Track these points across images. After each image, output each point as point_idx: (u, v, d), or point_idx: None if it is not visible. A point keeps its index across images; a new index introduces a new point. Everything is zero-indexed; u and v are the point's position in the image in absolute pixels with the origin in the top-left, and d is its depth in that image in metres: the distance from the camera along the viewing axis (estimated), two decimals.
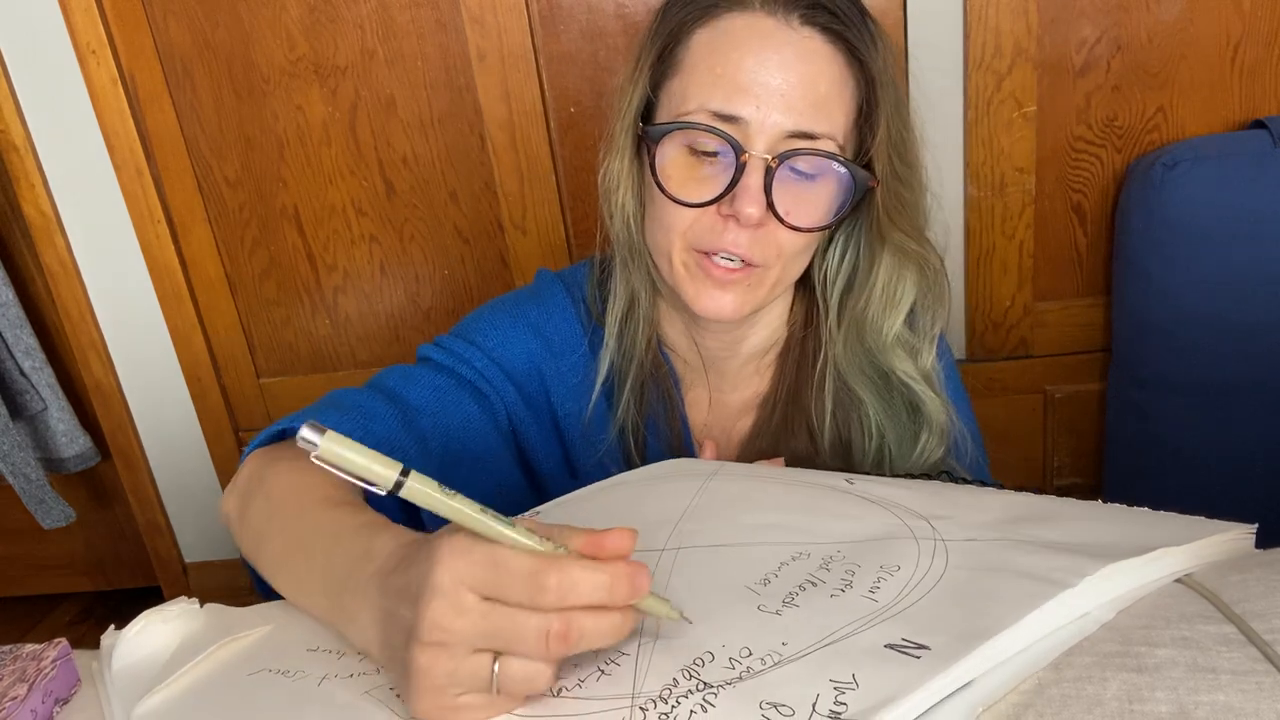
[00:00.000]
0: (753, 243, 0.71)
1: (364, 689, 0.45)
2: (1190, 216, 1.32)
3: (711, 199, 0.70)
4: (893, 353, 0.80)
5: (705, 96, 0.70)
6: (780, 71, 0.69)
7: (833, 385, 0.81)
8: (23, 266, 1.78)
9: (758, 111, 0.69)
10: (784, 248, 0.73)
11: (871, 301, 0.79)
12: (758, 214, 0.69)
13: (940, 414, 0.80)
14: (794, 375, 0.84)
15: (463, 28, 1.49)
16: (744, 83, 0.69)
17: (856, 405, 0.81)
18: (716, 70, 0.70)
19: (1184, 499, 0.52)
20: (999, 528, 0.50)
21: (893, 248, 0.77)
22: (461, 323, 0.85)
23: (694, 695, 0.39)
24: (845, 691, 0.37)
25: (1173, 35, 1.38)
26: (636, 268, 0.81)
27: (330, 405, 0.75)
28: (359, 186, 1.61)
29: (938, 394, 0.81)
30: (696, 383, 0.86)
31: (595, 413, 0.82)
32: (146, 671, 0.49)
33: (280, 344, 1.75)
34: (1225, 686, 0.37)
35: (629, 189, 0.78)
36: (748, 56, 0.69)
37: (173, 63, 1.57)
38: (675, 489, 0.63)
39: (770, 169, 0.69)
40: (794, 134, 0.69)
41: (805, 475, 0.64)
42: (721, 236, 0.71)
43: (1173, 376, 1.39)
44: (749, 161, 0.69)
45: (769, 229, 0.71)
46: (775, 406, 0.84)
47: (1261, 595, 0.42)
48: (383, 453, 0.69)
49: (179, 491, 1.87)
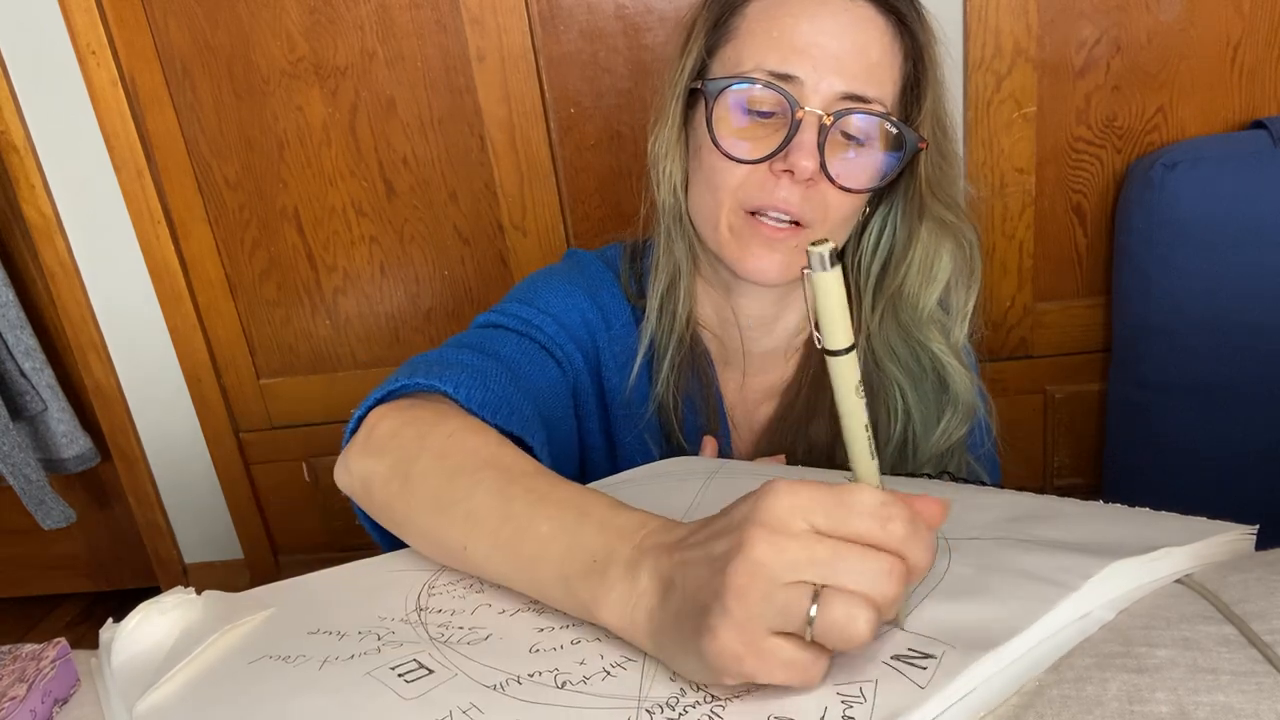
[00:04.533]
0: (804, 200, 0.73)
1: (365, 670, 0.45)
2: (1190, 217, 1.32)
3: (767, 155, 0.72)
4: (927, 328, 0.81)
5: (761, 57, 0.72)
6: (835, 36, 0.71)
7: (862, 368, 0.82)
8: (23, 267, 1.78)
9: (813, 72, 0.71)
10: (831, 210, 0.74)
11: (910, 275, 0.80)
12: (812, 167, 0.71)
13: (968, 392, 0.81)
14: (820, 360, 0.84)
15: (462, 28, 1.50)
16: (800, 45, 0.71)
17: (886, 386, 0.82)
18: (773, 33, 0.72)
19: (1184, 499, 0.52)
20: (1001, 526, 0.50)
21: (931, 220, 0.79)
22: (518, 290, 0.84)
23: (701, 706, 0.39)
24: (853, 705, 0.37)
25: (1172, 36, 1.38)
26: (680, 237, 0.82)
27: (440, 364, 0.70)
28: (359, 187, 1.61)
29: (967, 370, 0.82)
30: (728, 363, 0.87)
31: (637, 385, 0.83)
32: (146, 666, 0.49)
33: (280, 344, 1.75)
34: (1225, 687, 0.37)
35: (676, 157, 0.80)
36: (803, 21, 0.72)
37: (173, 64, 1.57)
38: (677, 488, 0.63)
39: (824, 127, 0.71)
40: (847, 95, 0.72)
41: (806, 474, 0.64)
42: (773, 194, 0.72)
43: (1173, 376, 1.39)
44: (804, 118, 0.71)
45: (819, 189, 0.73)
46: (799, 393, 0.85)
47: (1262, 596, 0.42)
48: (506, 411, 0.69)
49: (179, 492, 1.87)
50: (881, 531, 0.38)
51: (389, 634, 0.48)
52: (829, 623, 0.37)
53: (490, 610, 0.50)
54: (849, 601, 0.37)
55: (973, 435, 0.85)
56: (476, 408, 0.65)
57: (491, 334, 0.78)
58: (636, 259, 0.87)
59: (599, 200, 1.59)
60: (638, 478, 0.68)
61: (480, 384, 0.68)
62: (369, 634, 0.49)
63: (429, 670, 0.44)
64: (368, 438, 0.63)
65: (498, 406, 0.67)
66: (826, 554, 0.37)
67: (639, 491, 0.64)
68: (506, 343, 0.77)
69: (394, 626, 0.49)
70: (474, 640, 0.47)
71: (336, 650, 0.47)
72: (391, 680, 0.44)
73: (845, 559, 0.37)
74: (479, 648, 0.46)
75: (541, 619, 0.48)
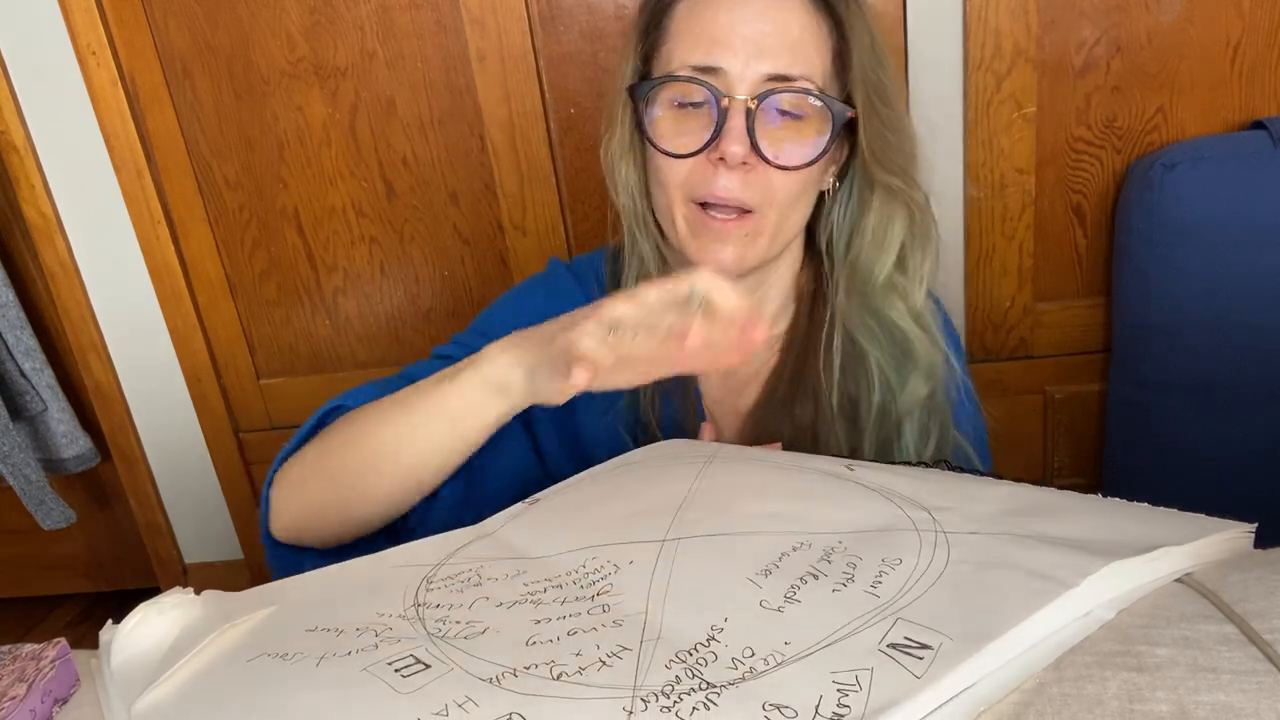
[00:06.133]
0: (744, 186, 0.75)
1: (362, 666, 0.45)
2: (1190, 217, 1.32)
3: (699, 147, 0.75)
4: (885, 296, 0.82)
5: (686, 53, 0.76)
6: (755, 22, 0.74)
7: (840, 343, 0.84)
8: (23, 267, 1.78)
9: (735, 60, 0.74)
10: (776, 190, 0.76)
11: (865, 245, 0.82)
12: (742, 152, 0.73)
13: (926, 354, 0.82)
14: (803, 344, 0.86)
15: (462, 29, 1.50)
16: (721, 36, 0.74)
17: (861, 359, 0.83)
18: (695, 29, 0.76)
19: (1184, 499, 0.52)
20: (1000, 520, 0.50)
21: (881, 189, 0.80)
22: (480, 317, 0.89)
23: (696, 694, 0.39)
24: (848, 693, 0.37)
25: (1172, 36, 1.38)
26: (645, 237, 0.85)
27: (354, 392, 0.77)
28: (359, 187, 1.61)
29: (925, 331, 0.83)
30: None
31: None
32: (145, 666, 0.49)
33: (280, 345, 1.75)
34: (1226, 686, 0.37)
35: (630, 161, 0.83)
36: (722, 12, 0.75)
37: (173, 64, 1.57)
38: (674, 473, 0.63)
39: (750, 111, 0.73)
40: (772, 77, 0.74)
41: (804, 460, 0.64)
42: (714, 182, 0.75)
43: (1173, 376, 1.39)
44: (730, 105, 0.73)
45: (759, 172, 0.75)
46: (783, 378, 0.86)
47: (1262, 595, 0.42)
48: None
49: (179, 492, 1.87)
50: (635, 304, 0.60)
51: (387, 630, 0.48)
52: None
53: (488, 604, 0.50)
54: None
55: (959, 409, 0.85)
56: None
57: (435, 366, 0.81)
58: (617, 260, 0.90)
59: (599, 200, 1.59)
60: (636, 459, 0.69)
61: (380, 389, 0.76)
62: (367, 630, 0.49)
63: (425, 665, 0.44)
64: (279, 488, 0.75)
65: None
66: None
67: (639, 473, 0.65)
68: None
69: (392, 622, 0.49)
70: (471, 634, 0.47)
71: (334, 647, 0.47)
72: (388, 675, 0.44)
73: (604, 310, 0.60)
74: (476, 641, 0.46)
75: (538, 610, 0.48)
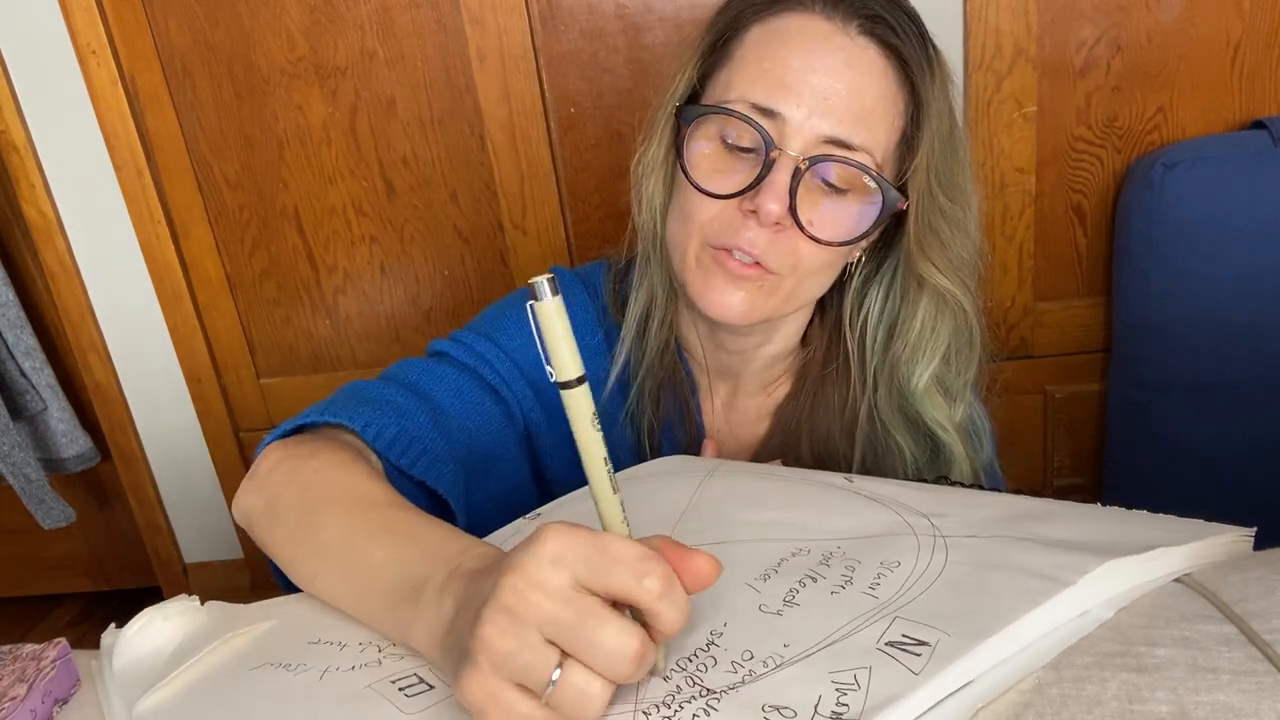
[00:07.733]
0: (770, 245, 0.68)
1: (366, 682, 0.45)
2: (1190, 217, 1.32)
3: (735, 191, 0.68)
4: (925, 400, 0.77)
5: (747, 88, 0.68)
6: (828, 76, 0.67)
7: (865, 432, 0.79)
8: (23, 267, 1.78)
9: (798, 110, 0.67)
10: (802, 259, 0.70)
11: (907, 347, 0.76)
12: (778, 211, 0.67)
13: (968, 456, 0.79)
14: (810, 406, 0.82)
15: (463, 28, 1.50)
16: (789, 80, 0.67)
17: (894, 452, 0.79)
18: (764, 64, 0.68)
19: (1184, 499, 0.52)
20: (998, 524, 0.51)
21: (931, 290, 0.74)
22: (481, 318, 0.83)
23: (696, 700, 0.39)
24: (847, 692, 0.37)
25: (1172, 36, 1.38)
26: (657, 264, 0.79)
27: (357, 400, 0.71)
28: (359, 187, 1.61)
29: (963, 439, 0.79)
30: (715, 386, 0.85)
31: (608, 406, 0.81)
32: (148, 669, 0.49)
33: (280, 344, 1.75)
34: (1225, 686, 0.37)
35: (660, 179, 0.76)
36: (796, 56, 0.67)
37: (173, 63, 1.57)
38: (674, 486, 0.63)
39: (799, 170, 0.67)
40: (831, 140, 0.67)
41: (804, 474, 0.64)
42: (739, 233, 0.68)
43: (1173, 376, 1.39)
44: (779, 158, 0.67)
45: (788, 235, 0.69)
46: (796, 412, 0.82)
47: (1262, 595, 0.42)
48: (415, 451, 0.68)
49: (179, 491, 1.87)
50: (637, 587, 0.37)
51: (390, 646, 0.48)
52: (564, 692, 0.36)
53: None
54: (587, 676, 0.37)
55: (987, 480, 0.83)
56: (384, 446, 0.67)
57: (433, 367, 0.77)
58: (619, 280, 0.84)
59: (599, 200, 1.59)
60: (639, 474, 0.69)
61: (393, 420, 0.69)
62: (370, 645, 0.49)
63: (429, 685, 0.44)
64: (252, 475, 0.65)
65: (406, 445, 0.68)
66: (572, 619, 0.36)
67: (639, 487, 0.64)
68: (444, 378, 0.76)
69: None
70: None
71: (338, 661, 0.47)
72: (391, 694, 0.44)
73: (589, 630, 0.36)
74: None
75: None
